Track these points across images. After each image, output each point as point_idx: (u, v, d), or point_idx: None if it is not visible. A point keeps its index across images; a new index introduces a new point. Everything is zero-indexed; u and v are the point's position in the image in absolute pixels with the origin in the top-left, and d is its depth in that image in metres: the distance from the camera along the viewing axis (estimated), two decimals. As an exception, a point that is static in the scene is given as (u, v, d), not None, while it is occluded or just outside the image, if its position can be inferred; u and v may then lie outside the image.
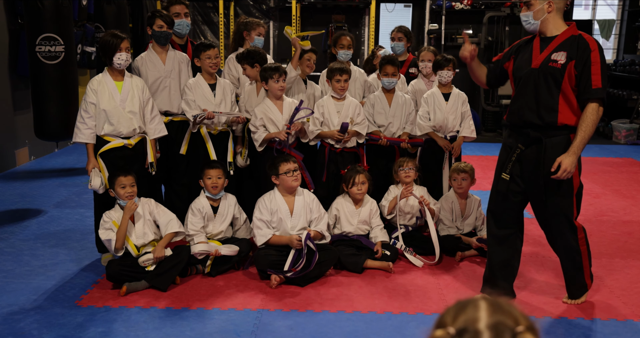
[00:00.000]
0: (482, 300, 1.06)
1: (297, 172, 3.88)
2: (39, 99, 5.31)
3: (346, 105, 4.40)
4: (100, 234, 3.69)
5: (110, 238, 3.64)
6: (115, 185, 3.69)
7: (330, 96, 4.44)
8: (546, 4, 3.18)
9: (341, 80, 4.32)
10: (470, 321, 1.03)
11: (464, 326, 1.02)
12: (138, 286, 3.59)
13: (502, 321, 1.02)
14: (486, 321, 1.02)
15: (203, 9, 9.72)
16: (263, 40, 4.74)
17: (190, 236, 3.90)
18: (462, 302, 1.08)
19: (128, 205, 3.68)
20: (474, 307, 1.05)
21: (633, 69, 9.25)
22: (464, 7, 9.45)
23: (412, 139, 4.58)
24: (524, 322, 1.03)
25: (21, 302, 3.45)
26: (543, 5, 3.19)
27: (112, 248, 3.66)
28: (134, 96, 3.91)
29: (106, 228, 3.68)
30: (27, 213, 5.15)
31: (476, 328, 1.01)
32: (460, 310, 1.05)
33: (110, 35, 3.84)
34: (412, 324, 3.23)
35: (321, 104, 4.42)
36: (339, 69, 4.32)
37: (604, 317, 3.33)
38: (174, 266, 3.67)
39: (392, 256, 4.03)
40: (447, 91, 4.66)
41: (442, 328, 1.04)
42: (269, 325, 3.20)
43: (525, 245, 4.47)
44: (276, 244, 3.82)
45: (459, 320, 1.04)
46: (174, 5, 4.53)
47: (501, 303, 1.06)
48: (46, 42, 5.21)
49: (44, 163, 7.04)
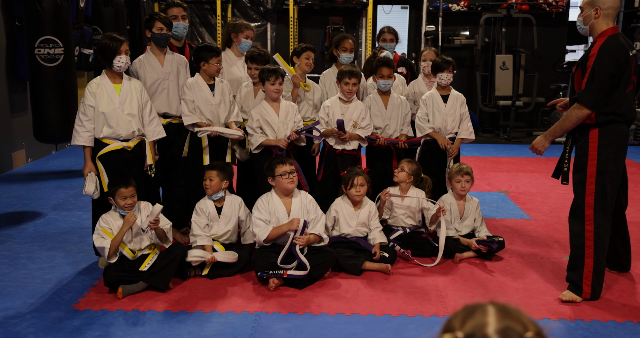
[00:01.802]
0: (491, 305, 1.06)
1: (293, 174, 3.88)
2: (38, 101, 5.31)
3: (351, 108, 4.42)
4: (95, 240, 3.66)
5: (104, 245, 3.61)
6: (115, 196, 3.66)
7: (337, 97, 4.46)
8: (593, 10, 3.39)
9: (349, 83, 4.35)
10: (479, 326, 1.02)
11: (473, 331, 1.02)
12: (134, 288, 3.58)
13: (511, 326, 1.01)
14: (495, 326, 1.01)
15: (200, 11, 9.71)
16: (250, 43, 4.72)
17: (194, 236, 3.90)
18: (470, 306, 1.07)
19: (127, 217, 3.65)
20: (482, 312, 1.05)
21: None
22: (461, 8, 9.47)
23: (409, 139, 4.57)
24: (532, 328, 1.02)
25: (18, 305, 3.44)
26: (591, 11, 3.41)
27: (105, 255, 3.64)
28: (132, 98, 3.90)
29: (100, 235, 3.65)
30: (24, 216, 5.14)
31: (485, 333, 1.01)
32: (469, 315, 1.05)
33: (110, 38, 3.82)
34: (410, 326, 3.22)
35: (327, 104, 4.44)
36: (349, 72, 4.34)
37: (602, 319, 3.33)
38: (169, 264, 3.65)
39: (391, 258, 4.02)
40: (445, 93, 4.66)
41: (450, 333, 1.04)
42: (267, 328, 3.19)
43: (524, 246, 4.48)
44: (277, 236, 3.80)
45: (467, 325, 1.03)
46: (171, 8, 4.53)
47: (510, 308, 1.05)
48: (45, 44, 5.21)
49: (41, 165, 7.02)
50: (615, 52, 3.31)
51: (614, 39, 3.34)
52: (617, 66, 3.32)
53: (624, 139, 3.46)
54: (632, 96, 3.48)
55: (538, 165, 7.38)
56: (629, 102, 3.44)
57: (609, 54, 3.30)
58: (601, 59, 3.30)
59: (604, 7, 3.36)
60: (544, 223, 5.03)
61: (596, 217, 3.42)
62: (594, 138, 3.41)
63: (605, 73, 3.31)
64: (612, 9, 3.38)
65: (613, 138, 3.41)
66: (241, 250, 4.00)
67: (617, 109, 3.39)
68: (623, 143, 3.46)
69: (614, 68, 3.31)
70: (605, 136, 3.40)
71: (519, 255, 4.31)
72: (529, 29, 9.10)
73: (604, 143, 3.40)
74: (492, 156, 8.06)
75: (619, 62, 3.32)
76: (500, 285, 3.79)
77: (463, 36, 9.54)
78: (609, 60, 3.30)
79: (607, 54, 3.30)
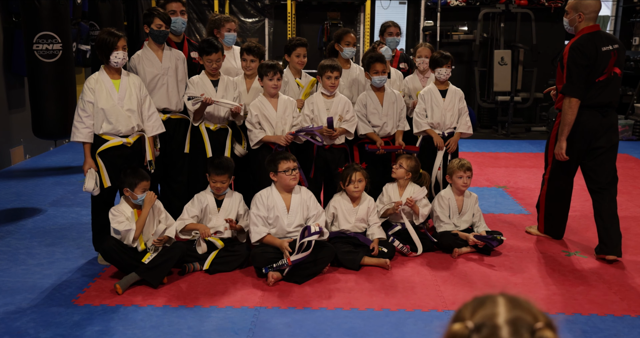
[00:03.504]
0: (501, 297, 1.07)
1: (296, 171, 3.88)
2: (36, 97, 5.29)
3: (335, 102, 4.39)
4: (117, 226, 3.68)
5: (130, 227, 3.67)
6: (135, 188, 3.72)
7: (320, 92, 4.42)
8: (577, 15, 3.99)
9: (332, 77, 4.30)
10: (489, 316, 1.03)
11: (483, 321, 1.03)
12: (129, 280, 3.58)
13: (521, 317, 1.03)
14: (505, 316, 1.02)
15: (198, 7, 9.69)
16: (235, 36, 4.71)
17: (182, 220, 3.95)
18: (480, 297, 1.08)
19: (148, 196, 3.74)
20: (492, 302, 1.06)
21: (628, 65, 9.28)
22: (459, 3, 9.46)
23: (408, 146, 4.56)
24: (542, 319, 1.03)
25: (17, 300, 3.44)
26: (575, 16, 4.00)
27: (130, 239, 3.68)
28: (131, 94, 3.90)
29: (120, 221, 3.69)
30: (23, 212, 5.14)
31: (495, 323, 1.02)
32: (479, 306, 1.06)
33: (107, 33, 3.81)
34: (409, 321, 3.24)
35: (311, 101, 4.41)
36: (330, 66, 4.30)
37: (601, 313, 3.34)
38: (166, 262, 3.67)
39: (389, 253, 4.03)
40: (444, 88, 4.66)
41: (460, 322, 1.05)
42: (267, 323, 3.20)
43: (522, 240, 4.50)
44: (269, 243, 3.83)
45: (477, 315, 1.04)
46: (170, 3, 4.51)
47: (520, 300, 1.06)
48: (43, 40, 5.19)
49: (40, 162, 7.01)
50: (583, 48, 3.89)
51: (585, 37, 3.93)
52: (586, 59, 3.89)
53: (586, 126, 4.04)
54: (605, 85, 4.00)
55: (536, 160, 7.39)
56: (596, 90, 3.99)
57: (578, 49, 3.90)
58: (572, 56, 3.92)
59: (586, 12, 3.95)
60: (542, 218, 5.04)
61: (550, 179, 4.32)
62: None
63: (578, 66, 3.91)
64: (593, 12, 3.98)
65: (575, 125, 4.01)
66: (239, 245, 4.01)
67: (585, 96, 3.97)
68: (584, 129, 4.04)
69: (584, 61, 3.89)
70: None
71: (517, 249, 4.32)
72: (527, 24, 9.09)
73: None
74: (491, 151, 8.07)
75: (586, 55, 3.89)
76: (499, 280, 3.80)
77: (461, 31, 9.54)
78: (578, 55, 3.90)
79: (575, 50, 3.91)
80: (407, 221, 4.24)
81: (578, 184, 6.24)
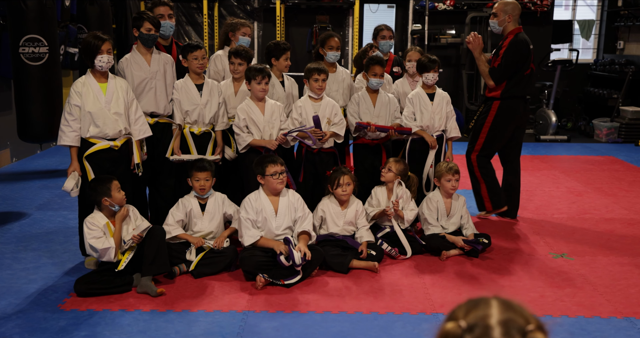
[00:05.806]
0: (494, 299, 1.10)
1: (283, 175, 3.88)
2: (22, 100, 5.25)
3: (323, 105, 4.39)
4: (94, 243, 3.55)
5: (109, 246, 3.55)
6: (112, 190, 3.63)
7: (307, 96, 4.42)
8: (507, 16, 4.73)
9: (319, 79, 4.31)
10: (482, 317, 1.06)
11: (475, 321, 1.06)
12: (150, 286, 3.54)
13: (513, 319, 1.06)
14: (497, 318, 1.06)
15: (187, 10, 9.67)
16: (249, 40, 4.77)
17: (168, 225, 3.93)
18: (474, 299, 1.11)
19: (122, 212, 3.66)
20: (486, 304, 1.09)
21: (613, 68, 9.35)
22: (447, 7, 9.51)
23: (399, 128, 4.57)
24: (534, 322, 1.07)
25: (2, 306, 3.41)
26: (505, 17, 4.75)
27: (112, 256, 3.58)
28: (118, 97, 3.88)
29: (97, 237, 3.58)
30: (9, 216, 5.09)
31: (487, 324, 1.05)
32: (473, 307, 1.09)
33: (92, 36, 3.80)
34: (398, 324, 3.24)
35: (299, 104, 4.41)
36: (316, 68, 4.31)
37: (587, 315, 3.37)
38: (159, 247, 3.63)
39: (378, 256, 4.04)
40: (431, 92, 4.69)
41: (453, 322, 1.07)
42: (255, 327, 3.19)
43: (510, 243, 4.52)
44: (262, 246, 3.82)
45: (470, 316, 1.07)
46: (158, 7, 4.51)
47: (513, 303, 1.10)
48: (30, 43, 5.15)
49: (26, 165, 6.96)
50: (520, 46, 4.68)
51: (520, 36, 4.70)
52: (520, 56, 4.69)
53: (516, 112, 4.82)
54: (529, 78, 4.82)
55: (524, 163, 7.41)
56: (525, 82, 4.79)
57: (515, 47, 4.67)
58: (509, 51, 4.67)
59: (513, 14, 4.73)
60: (530, 221, 5.07)
61: (479, 160, 4.87)
62: (494, 108, 4.80)
63: (510, 61, 4.67)
64: (518, 14, 4.77)
65: (506, 111, 4.78)
66: (226, 247, 4.00)
67: (515, 87, 4.74)
68: (514, 115, 4.81)
69: (517, 57, 4.68)
70: (502, 108, 4.78)
71: (505, 252, 4.34)
72: (514, 28, 9.14)
73: (499, 113, 4.78)
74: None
75: (522, 53, 4.69)
76: (487, 282, 3.82)
77: (449, 35, 9.59)
78: (514, 52, 4.67)
79: (514, 47, 4.67)
80: (395, 224, 4.25)
81: (565, 186, 6.30)
